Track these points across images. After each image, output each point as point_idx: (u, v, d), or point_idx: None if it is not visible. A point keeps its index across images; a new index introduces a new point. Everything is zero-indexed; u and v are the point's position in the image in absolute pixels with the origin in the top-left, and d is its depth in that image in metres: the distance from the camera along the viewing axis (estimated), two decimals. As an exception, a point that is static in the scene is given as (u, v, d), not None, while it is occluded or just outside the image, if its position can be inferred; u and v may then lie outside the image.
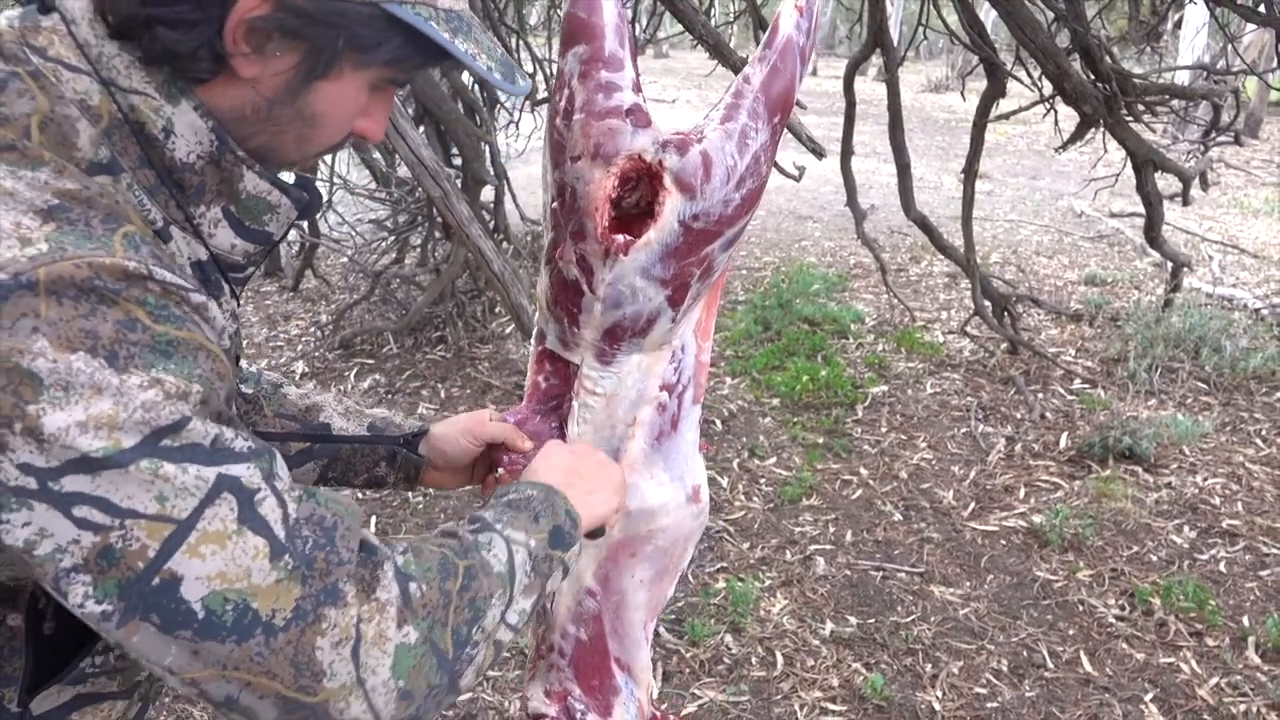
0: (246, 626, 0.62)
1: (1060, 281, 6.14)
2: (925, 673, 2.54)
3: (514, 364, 4.48)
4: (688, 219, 1.00)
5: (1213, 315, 4.84)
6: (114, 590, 0.60)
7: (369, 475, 1.11)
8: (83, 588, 0.59)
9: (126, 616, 0.60)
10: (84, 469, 0.58)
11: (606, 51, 1.02)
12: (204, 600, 0.61)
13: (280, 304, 5.38)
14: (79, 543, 0.59)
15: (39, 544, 0.59)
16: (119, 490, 0.59)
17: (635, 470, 1.11)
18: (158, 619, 0.60)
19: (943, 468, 3.65)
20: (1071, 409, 4.11)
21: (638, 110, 1.02)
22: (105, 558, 0.59)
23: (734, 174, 1.01)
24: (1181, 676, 2.56)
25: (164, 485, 0.60)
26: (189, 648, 0.61)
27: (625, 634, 1.19)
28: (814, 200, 8.36)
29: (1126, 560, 3.06)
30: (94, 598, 0.60)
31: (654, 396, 1.10)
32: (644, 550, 1.15)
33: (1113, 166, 5.39)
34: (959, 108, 13.89)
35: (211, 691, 0.63)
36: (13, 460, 0.58)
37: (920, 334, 5.02)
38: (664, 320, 1.06)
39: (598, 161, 1.00)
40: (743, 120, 1.03)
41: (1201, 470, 3.65)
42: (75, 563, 0.59)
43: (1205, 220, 7.90)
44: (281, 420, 1.06)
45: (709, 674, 2.52)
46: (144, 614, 0.60)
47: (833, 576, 2.96)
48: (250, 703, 0.63)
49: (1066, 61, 3.37)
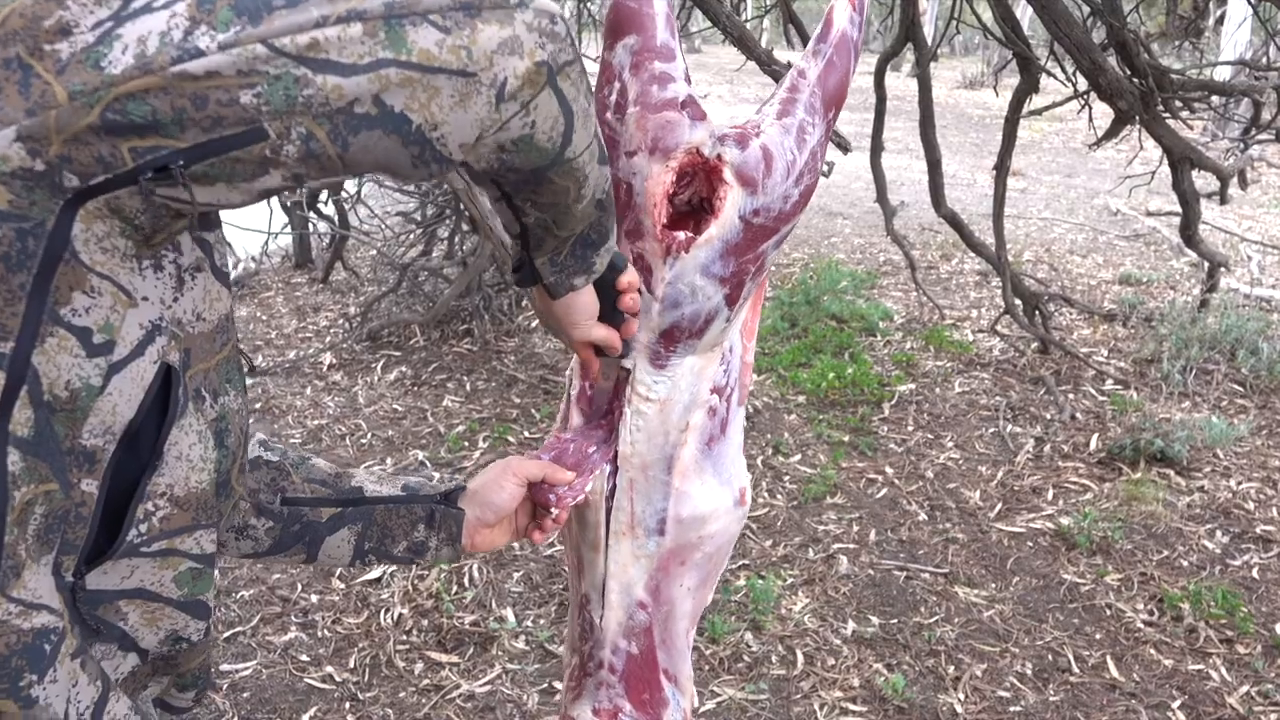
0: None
1: (1094, 281, 6.05)
2: (948, 675, 2.51)
3: (540, 357, 4.48)
4: (748, 214, 0.98)
5: (1250, 316, 4.75)
6: (230, 14, 0.58)
7: (408, 541, 1.06)
8: (206, 35, 0.58)
9: (255, 18, 0.58)
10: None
11: (658, 42, 0.99)
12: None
13: (310, 295, 5.42)
14: (175, 14, 0.58)
15: (147, 45, 0.58)
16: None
17: (687, 478, 1.08)
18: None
19: (970, 468, 3.61)
20: (1103, 410, 4.05)
21: (692, 102, 0.99)
22: (205, 1, 0.58)
23: (794, 169, 0.99)
24: (1210, 684, 2.51)
25: None
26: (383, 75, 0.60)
27: (673, 644, 1.17)
28: (844, 196, 8.30)
29: (1156, 564, 3.01)
30: (218, 30, 0.58)
31: (706, 400, 1.07)
32: (693, 558, 1.13)
33: (1149, 164, 5.30)
34: (993, 104, 13.73)
35: (369, 8, 0.60)
36: (84, 26, 0.58)
37: (949, 332, 4.96)
38: (720, 320, 1.03)
39: (656, 156, 0.97)
40: (800, 115, 1.01)
41: (1235, 474, 3.58)
42: (185, 25, 0.58)
43: (1244, 219, 7.75)
44: (311, 485, 1.03)
45: (728, 671, 2.51)
46: (267, 6, 0.59)
47: (855, 575, 2.93)
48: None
49: (1102, 57, 3.32)
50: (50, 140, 0.58)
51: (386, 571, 2.85)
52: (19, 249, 0.61)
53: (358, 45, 0.59)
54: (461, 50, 0.62)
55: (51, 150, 0.59)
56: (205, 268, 0.75)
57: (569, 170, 0.76)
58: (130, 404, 0.69)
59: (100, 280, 0.65)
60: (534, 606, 2.75)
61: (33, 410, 0.65)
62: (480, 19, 0.62)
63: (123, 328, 0.67)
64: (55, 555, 0.70)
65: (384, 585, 2.81)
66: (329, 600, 2.75)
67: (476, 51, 0.62)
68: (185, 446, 0.75)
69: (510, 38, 0.64)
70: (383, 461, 3.55)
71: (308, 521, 1.02)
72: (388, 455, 3.59)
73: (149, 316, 0.69)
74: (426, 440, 3.71)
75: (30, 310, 0.63)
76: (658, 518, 1.08)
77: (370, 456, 3.58)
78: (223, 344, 0.79)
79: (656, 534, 1.09)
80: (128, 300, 0.67)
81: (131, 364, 0.68)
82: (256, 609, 2.70)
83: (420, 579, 2.82)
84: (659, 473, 1.07)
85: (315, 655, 2.54)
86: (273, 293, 5.45)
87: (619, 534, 1.09)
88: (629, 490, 1.08)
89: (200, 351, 0.76)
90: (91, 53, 0.58)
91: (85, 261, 0.64)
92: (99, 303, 0.65)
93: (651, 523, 1.09)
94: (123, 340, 0.67)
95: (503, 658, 2.54)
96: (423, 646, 2.57)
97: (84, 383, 0.66)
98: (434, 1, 0.61)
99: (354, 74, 0.59)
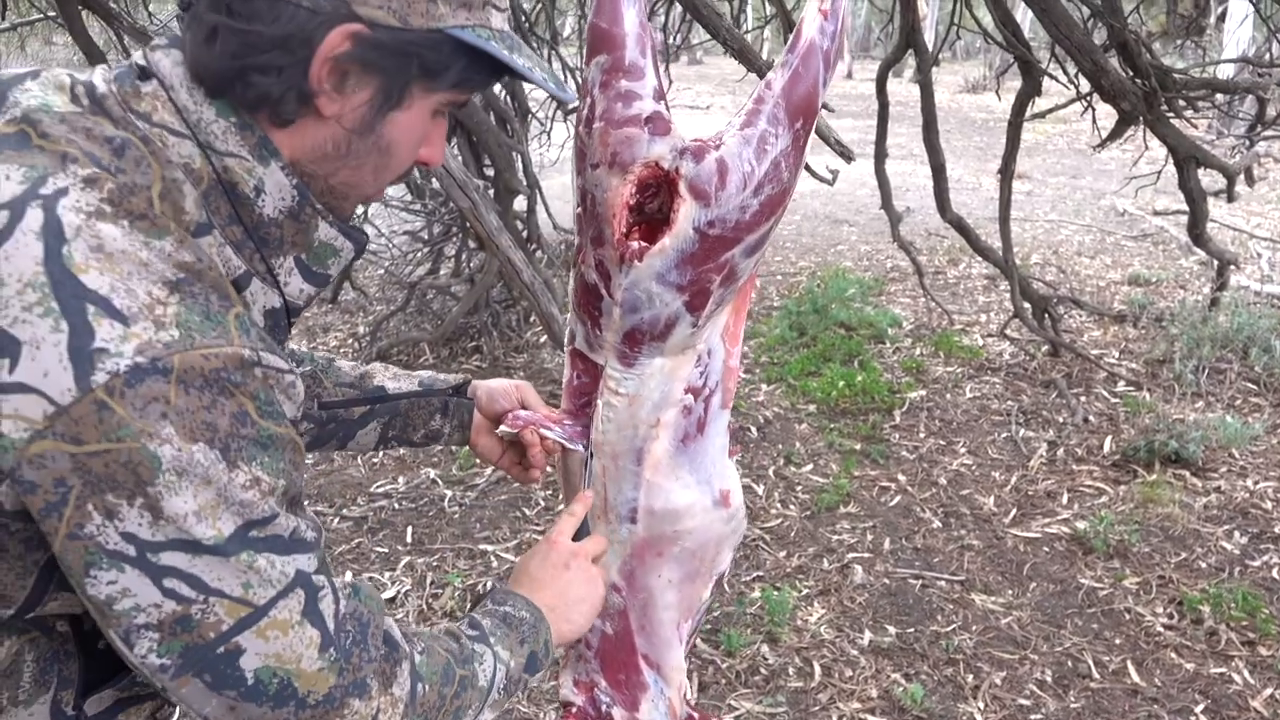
0: (284, 698, 0.70)
1: (1103, 282, 6.03)
2: (967, 683, 2.49)
3: (549, 373, 4.48)
4: (703, 225, 1.01)
5: (1262, 314, 4.72)
6: (178, 650, 0.67)
7: (425, 430, 1.22)
8: (149, 643, 0.66)
9: (181, 672, 0.68)
10: (187, 550, 0.65)
11: (627, 60, 1.03)
12: (256, 671, 0.69)
13: (319, 316, 5.44)
14: (160, 608, 0.66)
15: (119, 600, 0.65)
16: (213, 572, 0.66)
17: (659, 471, 1.13)
18: (210, 678, 0.68)
19: (983, 473, 3.59)
20: (1115, 412, 4.03)
21: (657, 118, 1.03)
22: (181, 624, 0.66)
23: (751, 180, 1.01)
24: (1233, 687, 2.48)
25: (252, 575, 0.68)
26: (228, 704, 0.69)
27: (654, 632, 1.20)
28: (849, 204, 8.29)
29: (1174, 567, 2.99)
30: (156, 653, 0.67)
31: (678, 399, 1.11)
32: (670, 551, 1.17)
33: (1155, 164, 5.29)
34: (996, 108, 13.69)
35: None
36: (118, 528, 0.63)
37: (959, 337, 4.95)
38: (683, 325, 1.06)
39: (615, 169, 1.02)
40: (762, 126, 1.03)
41: (1252, 474, 3.55)
42: (149, 622, 0.66)
43: (1253, 216, 7.72)
44: (341, 389, 1.16)
45: (745, 684, 2.49)
46: (198, 672, 0.68)
47: (871, 585, 2.92)
48: None
49: (1103, 58, 3.31)
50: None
51: (401, 591, 2.85)
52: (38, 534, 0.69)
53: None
54: None
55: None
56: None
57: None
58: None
59: None
60: (549, 623, 2.74)
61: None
62: None
63: None
64: (53, 694, 0.76)
65: (399, 605, 2.80)
66: (343, 622, 2.74)
67: None
68: None
69: None
70: (394, 480, 3.55)
71: (341, 420, 1.16)
72: (400, 474, 3.59)
73: None
74: (438, 458, 3.71)
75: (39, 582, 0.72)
76: (629, 506, 1.14)
77: (383, 475, 3.58)
78: None
79: (628, 521, 1.15)
80: None
81: None
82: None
83: (435, 597, 2.82)
84: (629, 463, 1.13)
85: (331, 677, 2.53)
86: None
87: (594, 517, 1.16)
88: (602, 476, 1.15)
89: None
90: (95, 553, 0.65)
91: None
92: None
93: (623, 510, 1.15)
94: None
95: (518, 676, 2.52)
96: (438, 666, 2.56)
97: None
98: None
99: None
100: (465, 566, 3.00)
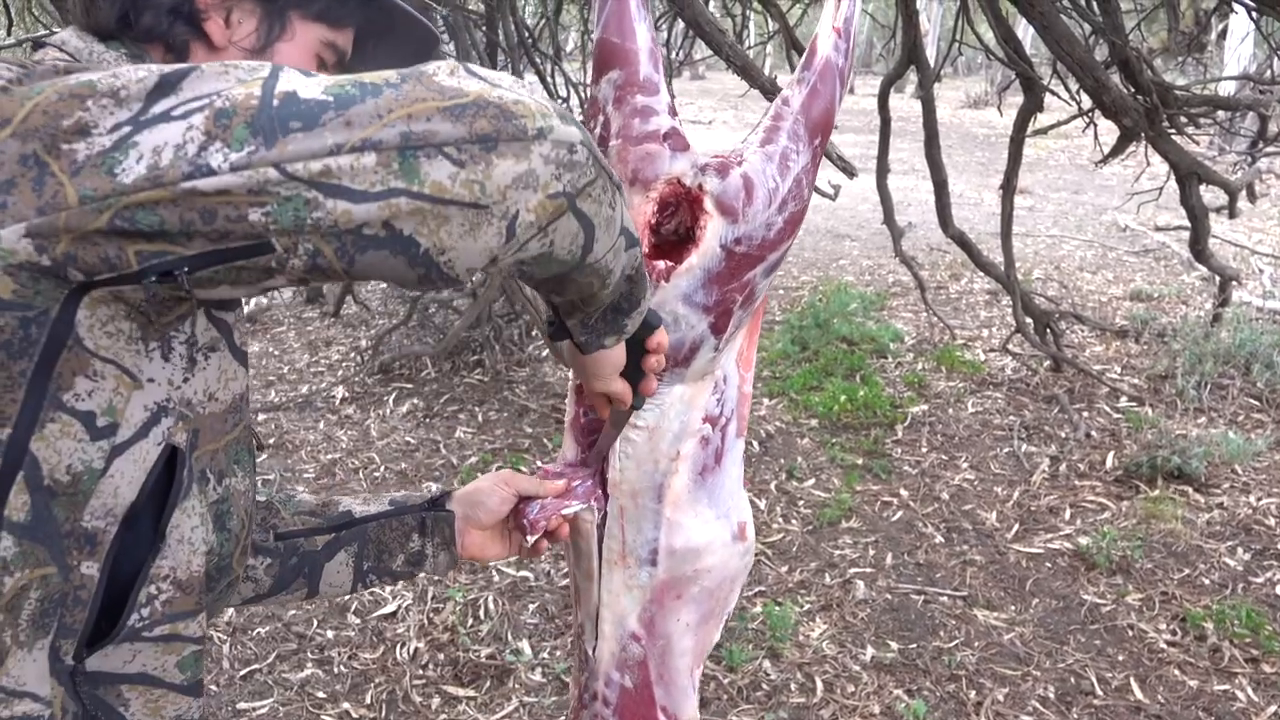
0: (374, 88, 0.61)
1: (1105, 297, 6.03)
2: (969, 700, 2.48)
3: (551, 387, 4.48)
4: (730, 243, 0.98)
5: (1264, 330, 4.72)
6: (245, 132, 0.59)
7: (405, 554, 1.07)
8: (219, 154, 0.59)
9: (270, 140, 0.59)
10: (163, 90, 0.60)
11: (641, 76, 1.01)
12: (326, 89, 0.61)
13: (321, 330, 5.45)
14: (192, 126, 0.59)
15: (161, 157, 0.59)
16: (200, 86, 0.61)
17: (679, 508, 1.07)
18: (298, 123, 0.60)
19: (985, 488, 3.59)
20: (1118, 427, 4.02)
21: (675, 134, 1.01)
22: (222, 117, 0.60)
23: (776, 197, 1.00)
24: (1237, 705, 2.47)
25: (232, 69, 0.62)
26: (340, 122, 0.60)
27: (672, 681, 1.15)
28: (851, 219, 8.30)
29: (1178, 583, 2.98)
30: (232, 149, 0.59)
31: (697, 429, 1.07)
32: (689, 592, 1.12)
33: (1157, 179, 5.29)
34: (998, 123, 13.74)
35: (384, 138, 0.61)
36: (103, 128, 0.59)
37: (961, 352, 4.95)
38: (707, 349, 1.03)
39: (636, 187, 0.99)
40: (783, 142, 1.02)
41: (1255, 490, 3.55)
42: (200, 140, 0.59)
43: (1254, 232, 7.73)
44: (301, 518, 1.05)
45: (747, 700, 2.48)
46: (283, 129, 0.60)
47: (873, 600, 2.91)
48: (420, 128, 0.61)
49: (1105, 74, 3.32)
50: (58, 238, 0.60)
51: (402, 605, 2.84)
52: (21, 337, 0.62)
53: (370, 174, 0.60)
54: (475, 185, 0.62)
55: (59, 248, 0.60)
56: (221, 347, 0.76)
57: (590, 271, 0.76)
58: (132, 486, 0.70)
59: (104, 364, 0.66)
60: (550, 638, 2.73)
61: (29, 495, 0.66)
62: (496, 153, 0.62)
63: (126, 410, 0.68)
64: (53, 639, 0.70)
65: (399, 619, 2.80)
66: (345, 636, 2.74)
67: (490, 186, 0.62)
68: (187, 529, 0.75)
69: (525, 173, 0.63)
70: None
71: (304, 552, 1.03)
72: (401, 488, 3.58)
73: (155, 398, 0.70)
74: (440, 472, 3.71)
75: (30, 397, 0.64)
76: (649, 547, 1.08)
77: (385, 490, 3.58)
78: (234, 424, 0.80)
79: (649, 564, 1.09)
80: (132, 383, 0.68)
81: (134, 446, 0.69)
82: (273, 646, 2.69)
83: (436, 612, 2.81)
84: (649, 501, 1.07)
85: (332, 692, 2.53)
86: (284, 327, 5.48)
87: (611, 563, 1.09)
88: (620, 518, 1.08)
89: (210, 432, 0.76)
90: (107, 158, 0.59)
91: (89, 346, 0.65)
92: (102, 386, 0.67)
93: (643, 552, 1.08)
94: (126, 422, 0.69)
95: (520, 690, 2.52)
96: (439, 681, 2.56)
97: (86, 466, 0.67)
98: (450, 134, 0.61)
99: (365, 200, 0.60)
100: (466, 581, 2.99)
